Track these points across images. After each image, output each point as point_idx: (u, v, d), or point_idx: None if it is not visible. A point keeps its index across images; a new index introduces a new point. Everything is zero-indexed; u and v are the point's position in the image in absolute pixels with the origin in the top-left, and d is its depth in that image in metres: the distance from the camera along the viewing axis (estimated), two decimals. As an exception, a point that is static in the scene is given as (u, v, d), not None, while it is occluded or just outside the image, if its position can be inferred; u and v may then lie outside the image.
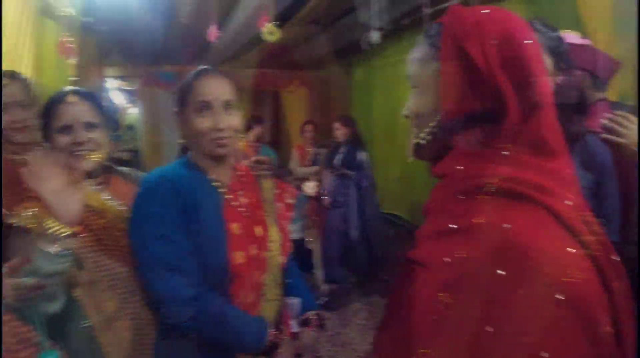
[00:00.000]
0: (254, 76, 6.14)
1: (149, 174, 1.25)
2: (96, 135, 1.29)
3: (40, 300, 1.07)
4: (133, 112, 8.06)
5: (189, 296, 1.11)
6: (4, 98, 1.53)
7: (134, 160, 7.53)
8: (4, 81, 1.55)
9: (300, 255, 3.73)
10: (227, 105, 1.21)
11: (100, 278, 1.22)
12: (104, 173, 1.36)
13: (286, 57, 5.63)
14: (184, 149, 1.35)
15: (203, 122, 1.19)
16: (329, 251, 4.12)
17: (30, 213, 1.12)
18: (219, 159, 1.24)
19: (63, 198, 1.07)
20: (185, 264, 1.13)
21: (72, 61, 3.51)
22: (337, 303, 3.99)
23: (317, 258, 4.30)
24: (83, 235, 1.19)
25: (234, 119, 1.22)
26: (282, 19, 3.62)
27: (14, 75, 1.64)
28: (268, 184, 1.41)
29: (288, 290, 1.36)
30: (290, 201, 1.43)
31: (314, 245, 4.34)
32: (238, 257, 1.17)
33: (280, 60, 5.81)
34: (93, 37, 5.14)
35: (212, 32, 3.13)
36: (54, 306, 1.11)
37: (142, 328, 1.26)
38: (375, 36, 3.44)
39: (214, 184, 1.24)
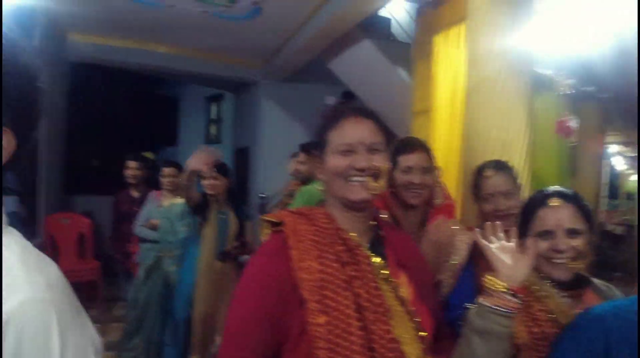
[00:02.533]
0: None
1: (600, 305, 1.04)
2: (578, 242, 1.16)
3: None
4: (634, 179, 7.51)
5: None
6: (488, 189, 1.61)
7: (626, 236, 6.46)
8: (489, 172, 1.62)
9: None
10: None
11: None
12: (579, 285, 1.23)
13: None
14: None
15: None
16: None
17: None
18: None
19: (513, 260, 1.07)
20: None
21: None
22: None
23: None
24: (523, 298, 1.09)
25: None
26: None
27: (499, 165, 1.67)
28: None
29: None
30: None
31: None
32: None
33: None
34: (594, 104, 5.33)
35: None
36: None
37: None
38: None
39: None
